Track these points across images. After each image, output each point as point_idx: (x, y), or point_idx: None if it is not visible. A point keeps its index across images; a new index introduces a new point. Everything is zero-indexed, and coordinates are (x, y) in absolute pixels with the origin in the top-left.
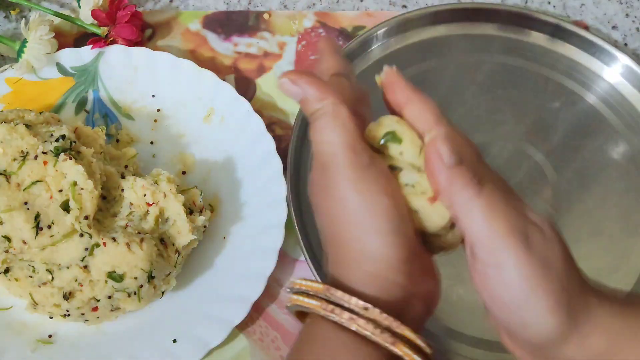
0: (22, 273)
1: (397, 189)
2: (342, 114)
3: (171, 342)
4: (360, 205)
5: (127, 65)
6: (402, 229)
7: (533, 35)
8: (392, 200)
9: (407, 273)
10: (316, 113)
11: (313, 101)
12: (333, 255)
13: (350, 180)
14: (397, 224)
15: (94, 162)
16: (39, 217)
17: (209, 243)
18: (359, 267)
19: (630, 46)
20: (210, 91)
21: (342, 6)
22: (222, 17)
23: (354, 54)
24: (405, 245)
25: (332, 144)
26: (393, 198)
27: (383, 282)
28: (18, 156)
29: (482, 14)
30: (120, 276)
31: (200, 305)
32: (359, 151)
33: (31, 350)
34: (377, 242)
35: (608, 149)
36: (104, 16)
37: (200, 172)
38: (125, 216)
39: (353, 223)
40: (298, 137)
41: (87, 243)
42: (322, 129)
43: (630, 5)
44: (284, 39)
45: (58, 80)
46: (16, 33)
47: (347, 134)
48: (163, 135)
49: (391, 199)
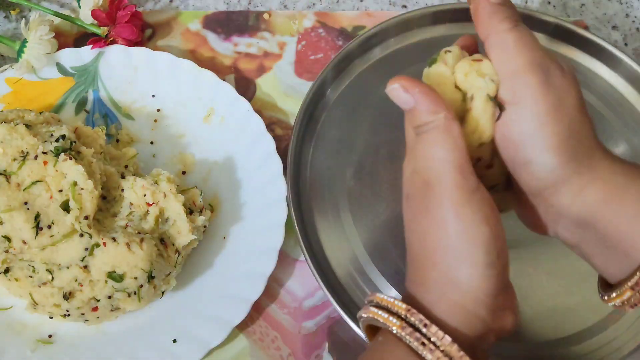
0: (22, 273)
1: (499, 220)
2: (454, 130)
3: (171, 342)
4: (461, 232)
5: (127, 65)
6: (498, 263)
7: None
8: (493, 231)
9: (492, 308)
10: (426, 126)
11: (425, 113)
12: (416, 275)
13: (454, 204)
14: (495, 257)
15: (94, 162)
16: (39, 217)
17: (209, 243)
18: (443, 294)
19: (630, 46)
20: (210, 91)
21: (342, 6)
22: (222, 17)
23: (353, 54)
24: (498, 280)
25: (441, 161)
26: (494, 229)
27: (466, 315)
28: (18, 156)
29: None
30: (120, 276)
31: (200, 305)
32: (468, 174)
33: (31, 350)
34: (470, 272)
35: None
36: (104, 16)
37: (200, 172)
38: (125, 216)
39: (448, 248)
40: (298, 137)
41: (87, 243)
42: (432, 143)
43: (630, 5)
44: (284, 39)
45: (58, 80)
46: (16, 33)
47: (458, 153)
48: (163, 135)
49: (492, 229)
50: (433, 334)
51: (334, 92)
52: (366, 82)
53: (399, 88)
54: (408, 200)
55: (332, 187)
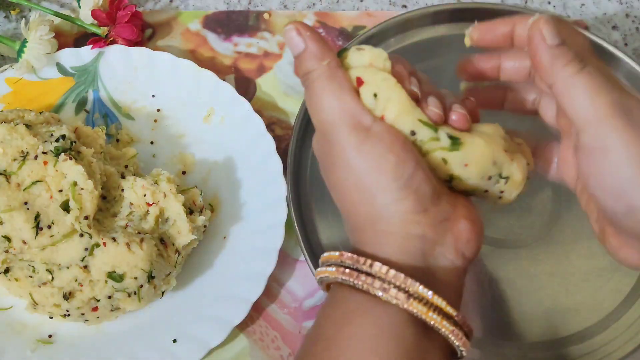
0: (22, 273)
1: (404, 144)
2: (338, 76)
3: (171, 342)
4: (366, 168)
5: (127, 65)
6: (413, 183)
7: None
8: (399, 157)
9: (426, 222)
10: (311, 74)
11: (311, 59)
12: (348, 223)
13: (353, 146)
14: (406, 179)
15: (94, 162)
16: (39, 217)
17: (209, 243)
18: (372, 228)
19: (630, 46)
20: (210, 91)
21: (342, 6)
22: (222, 17)
23: None
24: (418, 198)
25: (330, 110)
26: (400, 155)
27: (398, 238)
28: (18, 156)
29: (483, 14)
30: (120, 276)
31: (200, 305)
32: (359, 114)
33: (31, 350)
34: (386, 199)
35: None
36: (104, 16)
37: (200, 172)
38: (125, 216)
39: (361, 187)
40: (298, 137)
41: (87, 243)
42: (318, 94)
43: (630, 5)
44: (284, 39)
45: (58, 80)
46: (16, 33)
47: (345, 97)
48: (163, 135)
49: (396, 155)
50: (377, 271)
51: None
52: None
53: (293, 30)
54: (318, 157)
55: None
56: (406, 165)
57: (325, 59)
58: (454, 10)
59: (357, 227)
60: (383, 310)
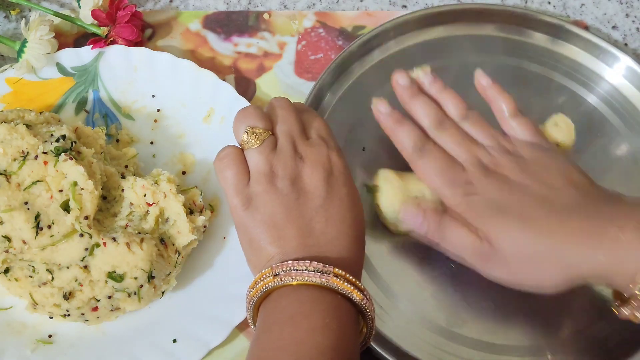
0: (22, 273)
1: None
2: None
3: (171, 342)
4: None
5: (127, 65)
6: (283, 233)
7: (534, 36)
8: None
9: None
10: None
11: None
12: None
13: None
14: (280, 231)
15: (94, 162)
16: (39, 217)
17: (209, 243)
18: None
19: (630, 46)
20: (210, 91)
21: (342, 6)
22: (222, 17)
23: (354, 55)
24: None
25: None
26: (272, 219)
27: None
28: (18, 156)
29: (483, 15)
30: (120, 276)
31: (200, 305)
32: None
33: (31, 350)
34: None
35: (610, 149)
36: (104, 16)
37: (200, 172)
38: (126, 216)
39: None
40: None
41: (87, 243)
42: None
43: (630, 5)
44: (284, 39)
45: (58, 80)
46: (16, 33)
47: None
48: (163, 135)
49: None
50: (301, 266)
51: (334, 94)
52: (366, 84)
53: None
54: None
55: None
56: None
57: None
58: (455, 11)
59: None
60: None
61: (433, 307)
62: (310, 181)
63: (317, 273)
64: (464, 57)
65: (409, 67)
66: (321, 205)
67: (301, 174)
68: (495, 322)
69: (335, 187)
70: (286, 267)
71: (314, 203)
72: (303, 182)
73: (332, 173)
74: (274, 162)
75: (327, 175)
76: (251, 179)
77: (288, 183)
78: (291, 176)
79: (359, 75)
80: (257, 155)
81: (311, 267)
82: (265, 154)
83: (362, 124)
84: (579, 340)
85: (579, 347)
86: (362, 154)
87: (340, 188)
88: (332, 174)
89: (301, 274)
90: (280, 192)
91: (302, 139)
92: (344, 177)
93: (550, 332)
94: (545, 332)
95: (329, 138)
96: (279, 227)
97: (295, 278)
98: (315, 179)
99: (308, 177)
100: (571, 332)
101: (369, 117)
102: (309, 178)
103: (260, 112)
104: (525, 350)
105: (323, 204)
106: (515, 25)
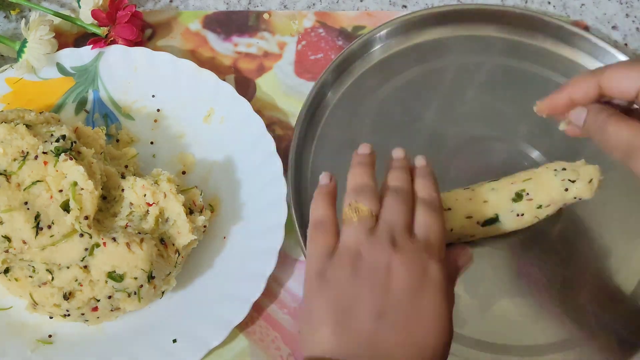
0: (22, 273)
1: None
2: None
3: (171, 342)
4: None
5: (127, 65)
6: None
7: (534, 36)
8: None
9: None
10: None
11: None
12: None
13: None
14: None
15: (94, 162)
16: (39, 217)
17: (209, 243)
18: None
19: (630, 46)
20: (210, 91)
21: (342, 6)
22: (222, 17)
23: (354, 55)
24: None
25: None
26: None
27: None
28: (18, 156)
29: (482, 16)
30: (120, 276)
31: (200, 305)
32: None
33: (31, 350)
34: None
35: None
36: (104, 16)
37: (200, 172)
38: (126, 216)
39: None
40: (299, 138)
41: (87, 243)
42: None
43: (630, 5)
44: (284, 39)
45: (58, 80)
46: (16, 33)
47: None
48: (163, 135)
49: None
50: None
51: (335, 93)
52: (367, 83)
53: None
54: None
55: None
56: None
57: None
58: (455, 12)
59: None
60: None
61: None
62: (396, 279)
63: None
64: (464, 57)
65: (409, 66)
66: (394, 307)
67: (389, 266)
68: (496, 323)
69: (417, 298)
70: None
71: (391, 300)
72: (389, 277)
73: (423, 284)
74: (365, 245)
75: (418, 283)
76: (337, 252)
77: (369, 270)
78: (376, 264)
79: (360, 75)
80: (352, 232)
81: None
82: (359, 233)
83: (362, 122)
84: (579, 343)
85: (580, 346)
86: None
87: (422, 301)
88: (423, 285)
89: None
90: (358, 276)
91: (404, 235)
92: (433, 290)
93: (551, 333)
94: (546, 332)
95: (435, 244)
96: (341, 312)
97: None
98: (402, 280)
99: (395, 274)
100: (572, 332)
101: (370, 116)
102: (397, 276)
103: (371, 192)
104: (526, 350)
105: (396, 306)
106: (515, 26)
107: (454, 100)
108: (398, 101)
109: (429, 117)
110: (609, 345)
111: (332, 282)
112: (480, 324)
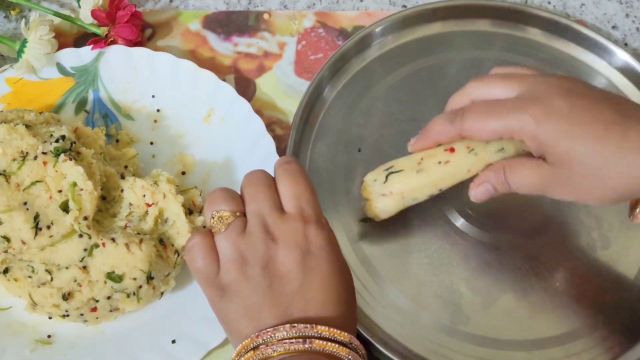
0: (21, 273)
1: (249, 294)
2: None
3: (171, 342)
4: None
5: (127, 65)
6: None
7: (531, 31)
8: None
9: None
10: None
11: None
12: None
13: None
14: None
15: (94, 162)
16: (39, 218)
17: None
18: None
19: (630, 46)
20: (210, 91)
21: (342, 6)
22: (222, 17)
23: (351, 52)
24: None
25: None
26: (243, 303)
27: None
28: (18, 156)
29: (479, 11)
30: (119, 277)
31: (199, 305)
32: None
33: (30, 351)
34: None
35: None
36: (104, 16)
37: (200, 173)
38: (125, 217)
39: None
40: (296, 137)
41: (86, 243)
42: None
43: (630, 5)
44: (284, 39)
45: (58, 80)
46: (16, 33)
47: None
48: (163, 135)
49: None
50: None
51: (332, 90)
52: (363, 80)
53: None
54: None
55: (332, 186)
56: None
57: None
58: (452, 7)
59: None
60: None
61: (436, 305)
62: (283, 265)
63: (299, 340)
64: (461, 53)
65: (405, 63)
66: (298, 290)
67: (273, 257)
68: (499, 318)
69: (314, 267)
70: (266, 337)
71: (290, 288)
72: (276, 266)
73: (309, 252)
74: (242, 247)
75: (303, 255)
76: (221, 268)
77: (259, 269)
78: (262, 261)
79: (356, 72)
80: (224, 242)
81: (292, 331)
82: (232, 239)
83: (359, 120)
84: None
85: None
86: (359, 152)
87: (320, 266)
88: (309, 252)
89: (282, 345)
90: (251, 280)
91: (275, 217)
92: (325, 253)
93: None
94: (549, 325)
95: (308, 207)
96: (255, 316)
97: (275, 350)
98: (288, 262)
99: (281, 260)
100: (575, 324)
101: (367, 113)
102: (282, 261)
103: (225, 194)
104: (530, 345)
105: (300, 288)
106: (512, 21)
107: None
108: (395, 98)
109: (426, 113)
110: (612, 336)
111: (234, 296)
112: (483, 320)
